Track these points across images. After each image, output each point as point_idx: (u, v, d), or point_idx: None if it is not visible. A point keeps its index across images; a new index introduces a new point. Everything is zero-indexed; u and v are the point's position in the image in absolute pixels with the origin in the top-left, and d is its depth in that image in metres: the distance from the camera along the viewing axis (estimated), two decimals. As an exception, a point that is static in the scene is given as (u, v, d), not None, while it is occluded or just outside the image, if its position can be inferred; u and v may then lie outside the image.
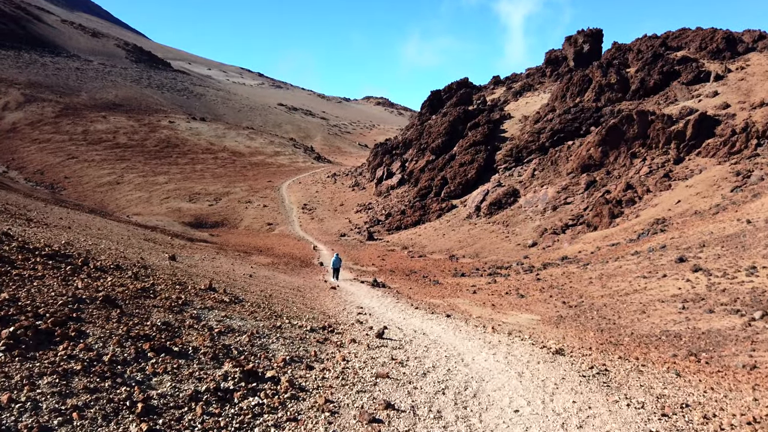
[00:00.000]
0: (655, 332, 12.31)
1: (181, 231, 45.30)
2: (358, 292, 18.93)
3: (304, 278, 22.09)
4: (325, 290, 18.45)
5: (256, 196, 64.47)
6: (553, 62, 71.60)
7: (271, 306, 12.01)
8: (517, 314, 17.07)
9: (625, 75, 53.00)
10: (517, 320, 15.82)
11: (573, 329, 13.93)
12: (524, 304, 18.75)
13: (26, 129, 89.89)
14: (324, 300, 15.70)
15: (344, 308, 14.44)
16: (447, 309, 16.83)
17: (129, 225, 24.97)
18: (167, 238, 22.21)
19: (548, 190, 45.69)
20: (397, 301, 17.08)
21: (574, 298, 18.61)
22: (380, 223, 52.27)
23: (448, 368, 8.97)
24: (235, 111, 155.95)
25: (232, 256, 26.49)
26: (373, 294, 18.69)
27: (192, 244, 26.70)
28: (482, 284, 24.17)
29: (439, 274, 32.37)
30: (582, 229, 39.57)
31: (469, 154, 53.30)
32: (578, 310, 16.63)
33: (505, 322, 14.73)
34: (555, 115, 51.94)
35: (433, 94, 74.03)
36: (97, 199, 61.55)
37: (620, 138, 44.49)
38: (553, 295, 19.71)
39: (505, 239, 42.21)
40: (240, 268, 18.31)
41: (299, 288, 17.24)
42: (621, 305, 16.04)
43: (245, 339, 8.36)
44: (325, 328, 10.83)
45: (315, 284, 19.90)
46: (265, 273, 19.02)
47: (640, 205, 39.00)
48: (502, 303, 19.17)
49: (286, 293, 15.05)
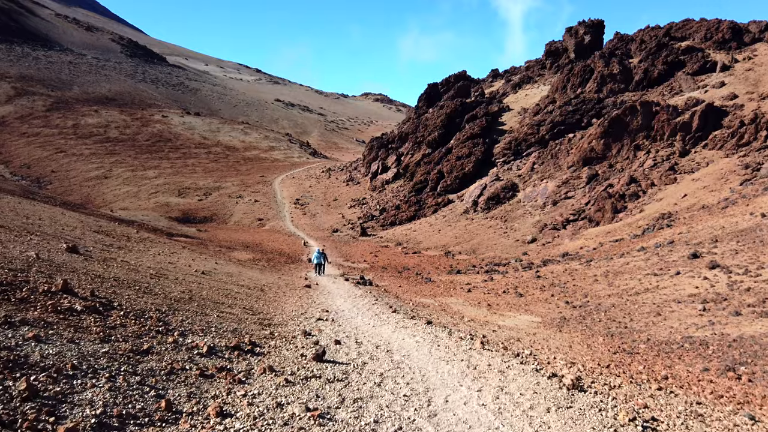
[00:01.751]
0: (676, 338, 10.58)
1: (166, 226, 43.54)
2: (336, 291, 16.95)
3: (282, 275, 20.34)
4: (297, 289, 16.45)
5: (247, 191, 62.68)
6: (553, 54, 69.72)
7: (173, 314, 8.43)
8: (515, 315, 15.35)
9: (628, 65, 51.19)
10: (515, 323, 14.10)
11: (579, 334, 12.22)
12: (523, 304, 17.04)
13: (15, 123, 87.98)
14: (284, 302, 13.46)
15: (303, 312, 12.13)
16: (437, 310, 15.10)
17: (93, 218, 23.15)
18: (132, 231, 20.47)
19: (548, 184, 43.97)
20: (375, 301, 14.77)
21: (578, 298, 16.90)
22: (374, 219, 50.54)
23: (399, 426, 5.70)
24: (231, 106, 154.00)
25: (211, 252, 24.78)
26: (352, 293, 16.51)
27: (167, 239, 25.01)
28: (478, 282, 22.45)
29: (433, 272, 30.66)
30: (583, 225, 37.90)
31: (467, 147, 51.51)
32: (583, 311, 14.92)
33: (502, 326, 12.98)
34: (555, 106, 50.16)
35: (430, 87, 72.20)
36: (84, 193, 59.77)
37: (623, 130, 42.74)
38: (555, 294, 17.99)
39: (503, 235, 40.51)
40: (200, 264, 16.26)
41: (263, 287, 15.15)
42: (632, 306, 14.32)
43: (41, 378, 4.78)
44: (238, 347, 7.54)
45: (289, 282, 17.97)
46: (231, 269, 17.15)
47: (644, 200, 37.33)
48: (498, 303, 17.45)
49: (233, 294, 12.67)
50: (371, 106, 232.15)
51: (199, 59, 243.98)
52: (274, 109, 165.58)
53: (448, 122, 56.96)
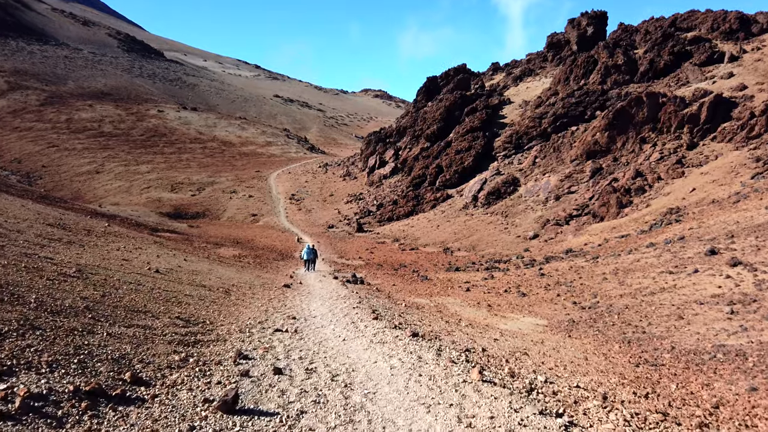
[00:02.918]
0: (705, 347, 9.15)
1: (155, 222, 42.12)
2: (318, 291, 15.36)
3: (265, 273, 18.90)
4: (272, 290, 14.89)
5: (242, 186, 61.21)
6: (555, 46, 68.08)
7: (21, 335, 5.69)
8: (519, 318, 13.94)
9: (632, 56, 49.64)
10: (518, 326, 12.69)
11: (591, 339, 10.80)
12: (526, 305, 15.62)
13: (8, 117, 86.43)
14: (246, 306, 11.57)
15: (263, 320, 10.03)
16: (431, 312, 13.67)
17: (62, 211, 21.70)
18: (100, 225, 19.02)
19: (550, 178, 42.51)
20: (358, 303, 12.53)
21: (587, 298, 15.48)
22: (371, 214, 49.09)
23: None
24: (228, 102, 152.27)
25: (194, 248, 23.37)
26: (336, 293, 14.67)
27: (148, 234, 23.62)
28: (477, 280, 21.02)
29: (431, 269, 29.27)
30: (587, 220, 36.49)
31: (466, 140, 50.00)
32: (594, 313, 13.50)
33: (504, 332, 11.55)
34: (558, 99, 48.62)
35: (429, 81, 70.58)
36: (74, 188, 58.34)
37: (628, 122, 41.24)
38: (561, 293, 16.57)
39: (504, 231, 39.08)
40: (163, 262, 14.51)
41: (230, 288, 13.51)
42: (648, 308, 12.89)
43: None
44: (96, 393, 4.87)
45: (267, 281, 16.37)
46: (201, 267, 15.59)
47: (650, 194, 35.89)
48: (500, 303, 16.03)
49: (180, 298, 10.65)
50: (371, 102, 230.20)
51: (197, 55, 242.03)
52: (273, 104, 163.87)
53: (448, 115, 55.42)
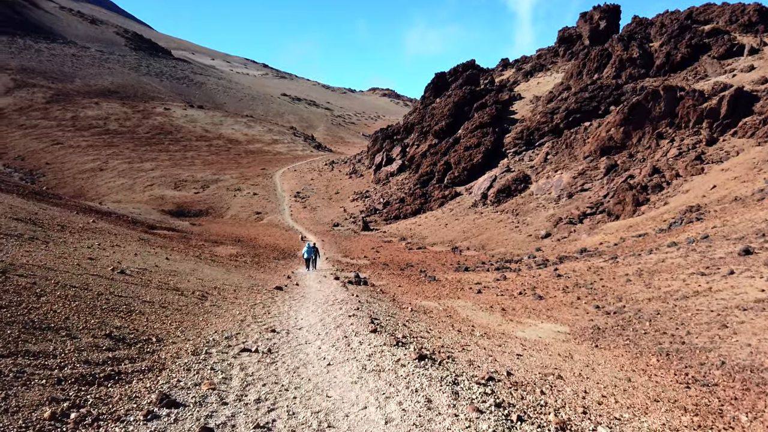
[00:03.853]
0: (763, 363, 7.79)
1: (156, 219, 41.11)
2: (313, 294, 13.90)
3: (259, 273, 17.66)
4: (259, 293, 13.52)
5: (246, 183, 60.14)
6: (566, 41, 66.45)
7: None
8: (537, 324, 12.62)
9: (648, 49, 47.96)
10: (537, 334, 11.37)
11: (623, 351, 9.45)
12: (544, 309, 14.29)
13: (13, 115, 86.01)
14: (219, 316, 9.82)
15: (233, 335, 8.24)
16: (440, 317, 12.36)
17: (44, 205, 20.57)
18: (82, 221, 17.87)
19: (563, 175, 41.04)
20: (355, 311, 10.53)
21: (611, 302, 14.13)
22: (377, 212, 47.82)
23: None
24: (236, 100, 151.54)
25: (190, 246, 22.23)
26: (332, 297, 12.96)
27: (142, 233, 22.50)
28: (489, 281, 19.69)
29: (439, 269, 27.97)
30: (602, 219, 35.02)
31: (476, 137, 48.58)
32: (621, 319, 12.16)
33: (525, 341, 10.23)
34: (570, 93, 47.07)
35: (438, 77, 69.17)
36: (77, 186, 57.52)
37: (645, 117, 39.69)
38: (581, 296, 15.22)
39: (514, 230, 37.69)
40: (138, 262, 13.04)
41: (209, 292, 12.07)
42: (683, 314, 11.53)
43: None
44: None
45: (257, 283, 14.91)
46: (183, 268, 14.15)
47: (668, 191, 34.36)
48: (514, 307, 14.71)
49: (134, 305, 8.77)
50: (378, 101, 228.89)
51: (205, 54, 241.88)
52: (280, 103, 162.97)
53: (456, 111, 54.01)
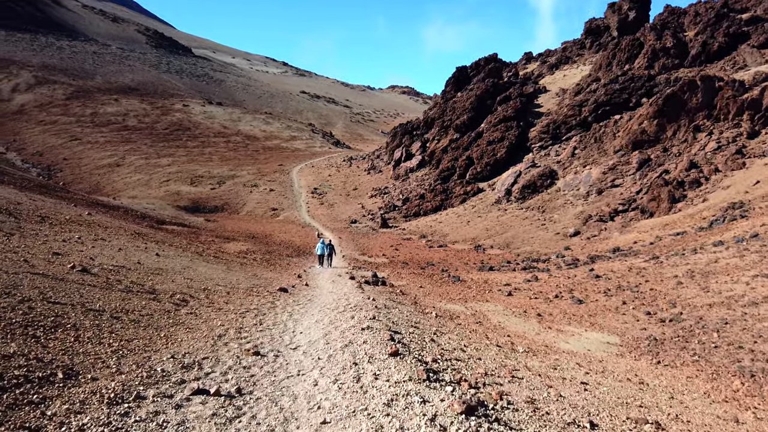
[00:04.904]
0: None
1: (170, 215, 40.17)
2: (323, 298, 11.92)
3: (268, 272, 16.22)
4: (260, 295, 11.65)
5: (263, 179, 59.09)
6: (593, 32, 64.04)
7: None
8: (580, 332, 10.95)
9: (682, 38, 45.55)
10: (583, 345, 9.72)
11: (694, 370, 7.76)
12: (586, 315, 12.59)
13: (34, 111, 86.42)
14: (194, 327, 7.76)
15: (199, 360, 6.43)
16: (469, 323, 10.76)
17: (41, 198, 19.49)
18: (73, 213, 16.70)
19: (592, 170, 39.01)
20: (370, 321, 8.28)
21: (664, 307, 12.38)
22: (396, 209, 46.28)
23: None
24: (255, 97, 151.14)
25: (186, 243, 20.96)
26: (345, 301, 10.74)
27: (146, 228, 21.36)
28: (519, 282, 18.00)
29: (462, 268, 26.32)
30: (635, 216, 32.99)
31: (499, 131, 46.71)
32: (680, 329, 10.43)
33: (573, 356, 8.59)
34: (599, 85, 44.90)
35: (459, 71, 67.25)
36: (94, 181, 57.08)
37: (680, 109, 37.45)
38: (627, 300, 13.48)
39: (541, 227, 35.82)
40: (120, 257, 11.38)
41: (191, 296, 10.09)
42: (757, 323, 9.78)
43: None
44: None
45: (261, 284, 13.07)
46: (174, 264, 12.51)
47: (707, 187, 32.20)
48: (551, 312, 13.03)
49: (54, 317, 6.78)
50: (397, 99, 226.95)
51: (226, 52, 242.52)
52: (299, 100, 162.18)
53: (479, 105, 52.15)
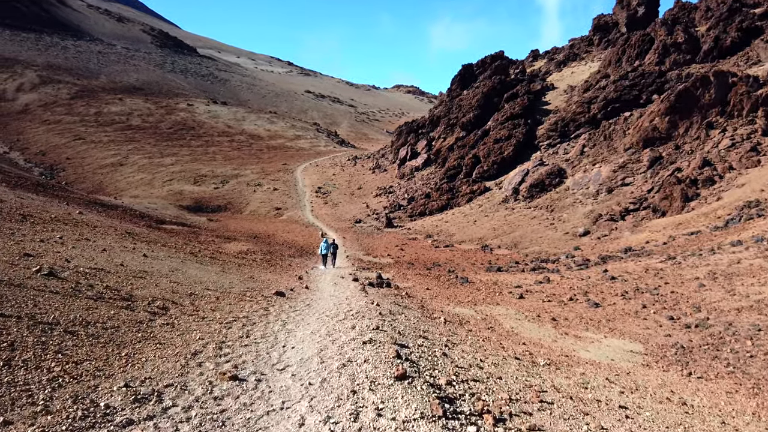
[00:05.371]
0: None
1: (173, 215, 39.62)
2: (323, 303, 10.98)
3: (265, 273, 15.50)
4: (254, 300, 10.71)
5: (267, 178, 58.48)
6: (601, 29, 63.06)
7: None
8: (599, 338, 10.19)
9: (694, 34, 44.57)
10: (605, 354, 8.95)
11: (732, 384, 6.99)
12: (604, 319, 11.81)
13: (38, 110, 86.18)
14: (166, 342, 6.88)
15: (160, 389, 5.62)
16: (480, 328, 10.02)
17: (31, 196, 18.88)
18: (66, 210, 16.10)
19: (601, 168, 38.14)
20: (373, 332, 7.42)
21: (687, 312, 11.59)
22: (402, 209, 45.54)
23: None
24: (260, 97, 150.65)
25: (181, 242, 20.34)
26: (347, 307, 9.85)
27: (143, 228, 20.75)
28: (530, 284, 17.23)
29: (469, 268, 25.56)
30: (646, 215, 32.11)
31: (506, 128, 45.87)
32: (708, 336, 9.65)
33: (598, 368, 7.83)
34: (609, 81, 43.98)
35: (465, 68, 66.48)
36: (96, 180, 56.63)
37: (693, 105, 36.52)
38: (647, 304, 12.68)
39: (549, 227, 34.98)
40: (101, 259, 10.42)
41: (174, 302, 9.28)
42: (796, 331, 8.98)
43: None
44: None
45: (254, 288, 12.01)
46: (162, 266, 11.39)
47: (721, 185, 31.27)
48: (567, 316, 12.26)
49: None
50: (402, 98, 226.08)
51: (231, 52, 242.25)
52: (304, 100, 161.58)
53: (485, 102, 51.32)
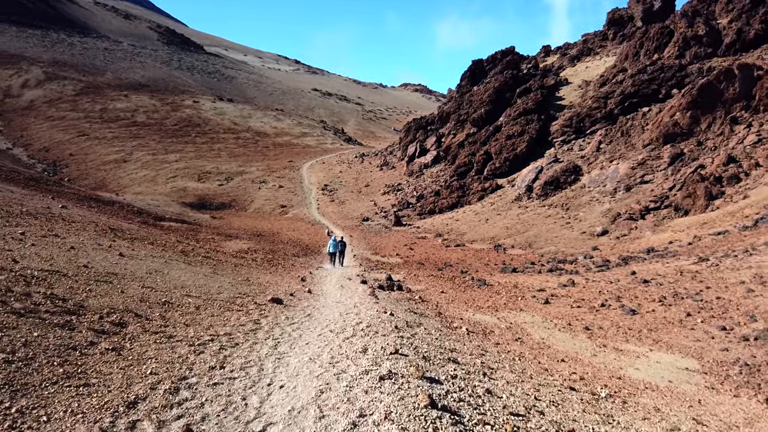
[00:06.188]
0: None
1: (175, 212, 38.49)
2: (327, 311, 9.19)
3: (266, 275, 14.18)
4: (242, 311, 8.99)
5: (272, 176, 57.28)
6: (616, 23, 61.36)
7: None
8: (643, 352, 8.81)
9: (715, 26, 42.91)
10: (658, 373, 7.58)
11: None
12: (645, 329, 10.42)
13: (43, 107, 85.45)
14: (94, 385, 5.02)
15: None
16: (506, 340, 8.66)
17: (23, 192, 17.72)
18: (47, 205, 14.92)
19: (619, 165, 36.60)
20: (390, 358, 5.69)
21: (740, 321, 10.19)
22: (410, 207, 44.17)
23: None
24: (266, 94, 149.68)
25: (175, 240, 19.14)
26: (356, 318, 8.16)
27: (139, 225, 19.59)
28: (553, 287, 15.83)
29: (483, 269, 24.20)
30: (668, 214, 30.58)
31: (519, 124, 44.38)
32: (776, 351, 8.24)
33: (656, 394, 6.47)
34: (626, 76, 42.38)
35: (475, 64, 64.93)
36: (99, 177, 55.64)
37: (716, 100, 34.92)
38: (692, 311, 11.28)
39: (565, 226, 33.52)
40: (59, 259, 7.65)
41: (138, 313, 7.00)
42: None
43: None
44: None
45: (247, 293, 10.50)
46: (139, 267, 9.57)
47: (747, 183, 29.71)
48: (601, 325, 10.87)
49: None
50: (410, 97, 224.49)
51: (238, 50, 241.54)
52: (311, 98, 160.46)
53: (497, 98, 49.83)
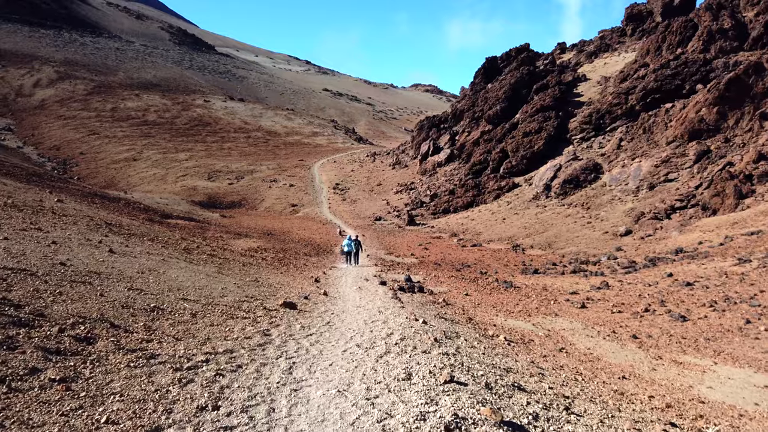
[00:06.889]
0: None
1: (184, 210, 37.72)
2: (349, 319, 8.02)
3: (277, 275, 13.15)
4: (249, 318, 7.86)
5: (283, 174, 56.42)
6: (635, 19, 59.77)
7: None
8: (708, 366, 7.67)
9: (741, 19, 41.37)
10: (735, 393, 6.47)
11: None
12: (702, 338, 9.26)
13: (54, 106, 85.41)
14: None
15: None
16: (550, 351, 7.57)
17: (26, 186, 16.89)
18: (41, 198, 14.06)
19: (642, 163, 35.23)
20: (456, 406, 4.18)
21: (813, 330, 8.99)
22: (424, 206, 43.06)
23: None
24: (277, 94, 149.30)
25: (204, 237, 18.18)
26: (385, 329, 7.09)
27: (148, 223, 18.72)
28: (587, 290, 14.66)
29: (502, 270, 23.05)
30: (695, 213, 29.21)
31: (536, 121, 43.09)
32: None
33: (751, 421, 5.34)
34: (648, 71, 40.94)
35: (489, 61, 63.58)
36: (109, 175, 55.14)
37: (744, 94, 33.44)
38: (751, 317, 10.10)
39: (586, 225, 32.24)
40: (41, 254, 6.57)
41: (117, 324, 4.43)
42: None
43: None
44: None
45: (256, 296, 9.30)
46: (130, 266, 8.31)
47: (780, 181, 28.31)
48: (650, 333, 9.72)
49: None
50: (421, 97, 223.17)
51: (249, 50, 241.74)
52: (322, 98, 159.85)
53: (513, 94, 48.55)
